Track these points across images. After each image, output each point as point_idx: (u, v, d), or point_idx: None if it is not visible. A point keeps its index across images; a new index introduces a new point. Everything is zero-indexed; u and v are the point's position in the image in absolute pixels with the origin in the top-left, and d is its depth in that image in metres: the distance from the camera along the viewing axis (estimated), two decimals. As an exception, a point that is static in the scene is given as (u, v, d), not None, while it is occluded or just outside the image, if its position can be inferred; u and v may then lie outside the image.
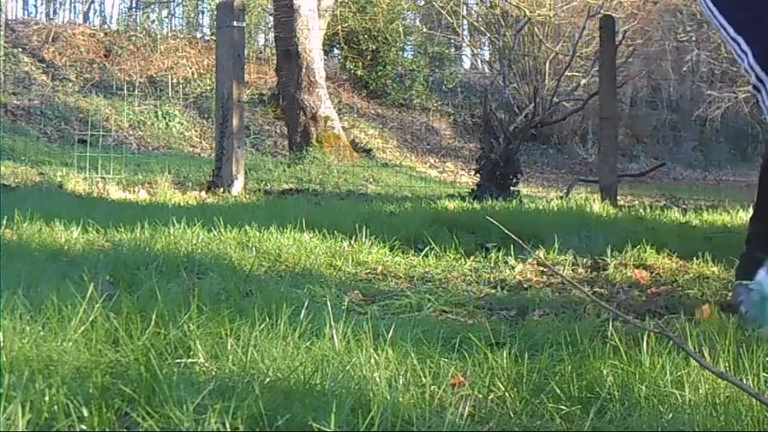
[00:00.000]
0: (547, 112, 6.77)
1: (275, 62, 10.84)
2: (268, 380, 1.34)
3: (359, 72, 14.65)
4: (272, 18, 12.39)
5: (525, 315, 2.17)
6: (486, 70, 16.82)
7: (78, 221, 3.23)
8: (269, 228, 3.25)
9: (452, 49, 17.60)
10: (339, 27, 14.10)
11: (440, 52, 16.04)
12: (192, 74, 13.79)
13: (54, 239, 2.95)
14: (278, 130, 12.83)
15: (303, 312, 1.72)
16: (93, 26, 15.63)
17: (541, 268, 2.82)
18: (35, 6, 19.21)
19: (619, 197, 6.07)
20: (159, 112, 12.44)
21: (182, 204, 4.96)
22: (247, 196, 5.91)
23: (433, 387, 1.37)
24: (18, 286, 1.87)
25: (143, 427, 1.15)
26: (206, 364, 1.42)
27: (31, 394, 1.19)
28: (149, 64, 13.81)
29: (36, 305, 1.69)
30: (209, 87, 13.02)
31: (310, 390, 1.30)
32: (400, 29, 15.03)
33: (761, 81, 2.03)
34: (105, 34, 14.54)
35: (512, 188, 5.90)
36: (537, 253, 3.04)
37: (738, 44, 2.07)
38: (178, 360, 1.44)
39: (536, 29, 13.16)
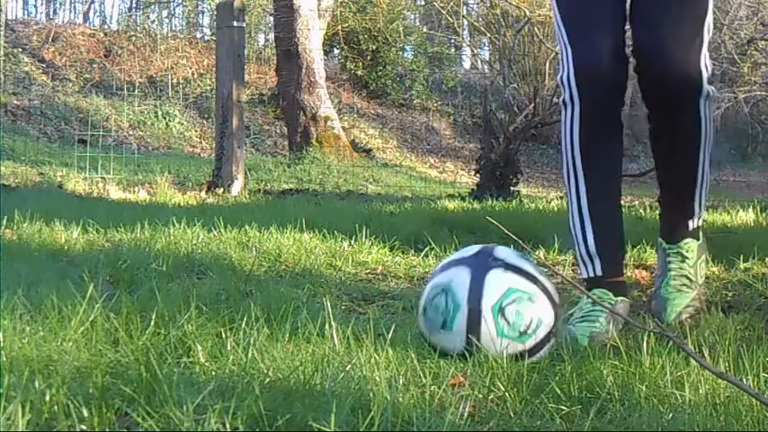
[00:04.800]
0: (547, 112, 6.77)
1: (275, 62, 10.84)
2: (268, 380, 1.34)
3: (359, 72, 14.65)
4: (272, 18, 12.38)
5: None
6: (486, 70, 16.82)
7: (78, 221, 3.23)
8: (269, 228, 3.25)
9: (452, 49, 17.61)
10: (339, 27, 14.09)
11: (440, 52, 16.04)
12: (192, 74, 13.79)
13: (54, 239, 2.95)
14: (278, 130, 12.83)
15: (303, 312, 1.72)
16: (93, 26, 15.64)
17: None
18: (35, 6, 19.24)
19: (619, 197, 6.05)
20: (159, 112, 12.44)
21: (182, 204, 4.96)
22: (247, 196, 5.91)
23: (433, 387, 1.37)
24: (18, 286, 1.87)
25: (143, 427, 1.15)
26: (206, 364, 1.42)
27: (31, 394, 1.19)
28: (149, 64, 13.80)
29: (36, 305, 1.69)
30: (209, 87, 13.02)
31: (310, 390, 1.30)
32: (400, 29, 15.02)
33: (570, 100, 2.06)
34: (105, 34, 14.54)
35: (512, 188, 5.90)
36: (537, 253, 3.04)
37: (566, 53, 2.07)
38: (178, 360, 1.44)
39: (536, 29, 13.14)
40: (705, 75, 2.05)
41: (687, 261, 2.21)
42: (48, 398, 1.19)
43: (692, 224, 2.24)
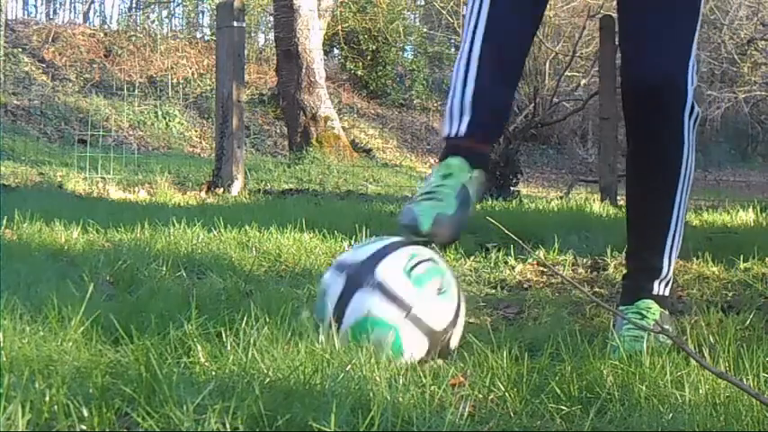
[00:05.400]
0: (547, 112, 6.78)
1: (275, 62, 10.84)
2: (268, 380, 1.34)
3: (359, 72, 14.65)
4: (272, 18, 12.38)
5: (525, 315, 2.17)
6: (486, 70, 16.77)
7: (78, 221, 3.22)
8: (269, 228, 3.25)
9: (452, 49, 17.60)
10: (339, 27, 14.10)
11: (440, 52, 16.04)
12: (192, 74, 13.80)
13: (54, 239, 2.95)
14: (278, 130, 12.83)
15: (303, 312, 1.72)
16: (93, 26, 15.64)
17: (541, 268, 2.82)
18: (35, 6, 19.23)
19: (619, 197, 6.07)
20: (159, 112, 12.44)
21: (182, 204, 4.96)
22: (247, 196, 5.91)
23: (433, 387, 1.37)
24: (18, 286, 1.87)
25: (143, 427, 1.15)
26: (206, 364, 1.42)
27: (31, 394, 1.19)
28: (149, 64, 13.81)
29: (36, 305, 1.69)
30: (209, 87, 13.02)
31: (310, 390, 1.30)
32: (400, 29, 15.03)
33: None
34: (105, 34, 14.55)
35: (512, 188, 5.91)
36: (537, 253, 3.04)
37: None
38: (178, 360, 1.44)
39: (536, 29, 13.12)
40: (690, 87, 1.87)
41: (646, 319, 1.86)
42: (48, 398, 1.19)
43: (656, 287, 1.91)
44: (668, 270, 1.91)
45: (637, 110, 1.90)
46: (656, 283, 1.91)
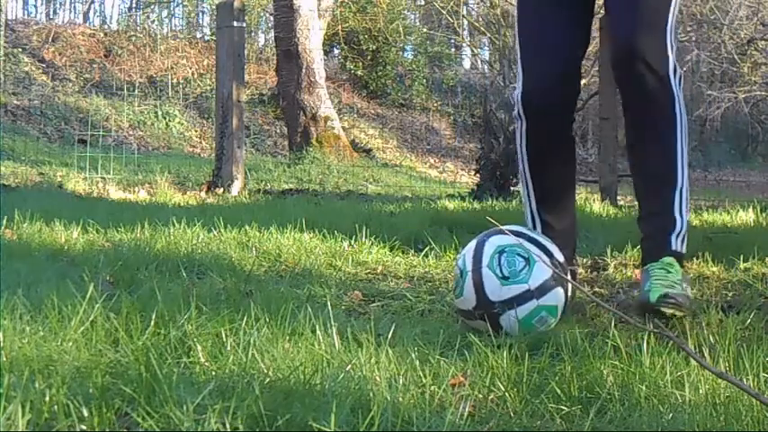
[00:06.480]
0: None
1: (275, 62, 10.84)
2: (268, 380, 1.34)
3: (359, 72, 14.65)
4: (272, 18, 12.39)
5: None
6: (486, 70, 16.82)
7: (78, 221, 3.22)
8: (269, 228, 3.25)
9: (452, 49, 17.61)
10: (339, 27, 14.09)
11: (440, 52, 16.04)
12: (192, 74, 13.80)
13: (54, 239, 2.95)
14: (278, 130, 12.83)
15: (303, 312, 1.72)
16: (93, 26, 15.64)
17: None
18: (35, 6, 19.25)
19: (619, 197, 6.07)
20: (159, 112, 12.44)
21: (182, 204, 4.96)
22: (247, 196, 5.91)
23: (433, 387, 1.37)
24: (18, 286, 1.87)
25: (143, 427, 1.15)
26: (206, 364, 1.42)
27: (31, 394, 1.19)
28: (149, 64, 13.81)
29: (36, 305, 1.69)
30: (209, 87, 13.02)
31: (310, 390, 1.30)
32: (400, 29, 15.03)
33: (519, 116, 2.26)
34: (105, 34, 14.55)
35: (512, 188, 5.90)
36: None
37: (519, 75, 2.25)
38: (178, 360, 1.44)
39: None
40: (670, 52, 2.09)
41: (672, 274, 2.05)
42: (48, 398, 1.19)
43: (674, 242, 2.10)
44: (682, 224, 2.09)
45: (626, 76, 2.10)
46: (673, 238, 2.09)
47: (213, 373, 1.39)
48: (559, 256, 1.96)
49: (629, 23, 2.10)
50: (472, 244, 1.98)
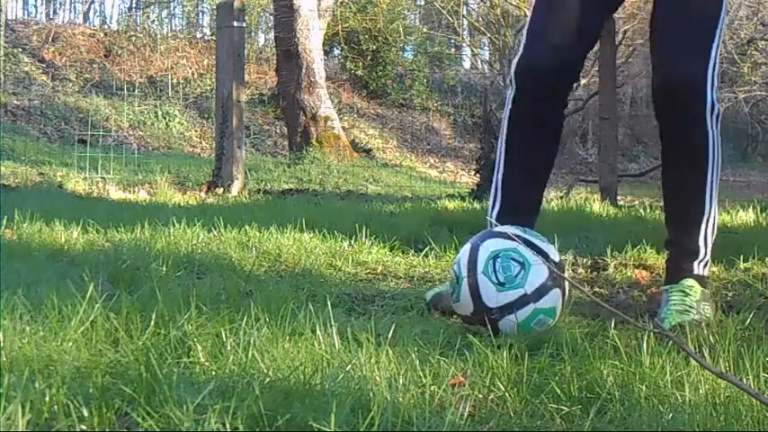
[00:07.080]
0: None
1: (275, 62, 10.84)
2: (268, 380, 1.34)
3: (359, 72, 14.65)
4: (272, 18, 12.39)
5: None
6: (486, 70, 16.81)
7: (78, 221, 3.22)
8: (269, 228, 3.25)
9: (452, 49, 17.61)
10: (339, 27, 14.10)
11: (440, 52, 16.04)
12: (192, 74, 13.80)
13: (54, 239, 2.95)
14: (278, 130, 12.83)
15: (303, 312, 1.72)
16: (93, 26, 15.65)
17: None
18: (35, 6, 19.26)
19: (619, 197, 6.07)
20: (159, 112, 12.44)
21: (182, 204, 4.96)
22: (247, 196, 5.91)
23: (433, 387, 1.37)
24: (18, 286, 1.87)
25: (143, 427, 1.15)
26: (206, 364, 1.42)
27: (31, 394, 1.19)
28: (149, 64, 13.81)
29: (36, 305, 1.69)
30: (209, 87, 13.02)
31: (310, 390, 1.30)
32: (400, 29, 15.03)
33: (511, 82, 2.23)
34: (105, 34, 14.55)
35: (512, 188, 5.89)
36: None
37: (522, 44, 2.22)
38: (178, 360, 1.44)
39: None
40: (710, 88, 2.08)
41: (689, 297, 2.08)
42: (48, 398, 1.19)
43: (696, 267, 2.14)
44: (705, 252, 2.14)
45: (664, 109, 2.12)
46: (695, 264, 2.13)
47: (213, 373, 1.39)
48: (555, 257, 1.96)
49: (672, 59, 2.09)
50: (466, 248, 1.97)
